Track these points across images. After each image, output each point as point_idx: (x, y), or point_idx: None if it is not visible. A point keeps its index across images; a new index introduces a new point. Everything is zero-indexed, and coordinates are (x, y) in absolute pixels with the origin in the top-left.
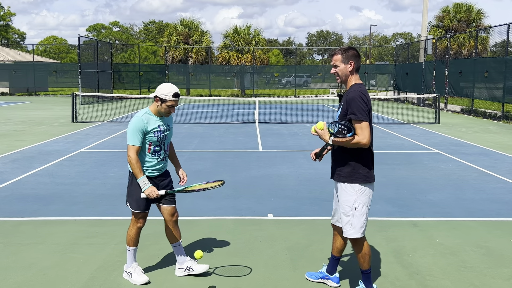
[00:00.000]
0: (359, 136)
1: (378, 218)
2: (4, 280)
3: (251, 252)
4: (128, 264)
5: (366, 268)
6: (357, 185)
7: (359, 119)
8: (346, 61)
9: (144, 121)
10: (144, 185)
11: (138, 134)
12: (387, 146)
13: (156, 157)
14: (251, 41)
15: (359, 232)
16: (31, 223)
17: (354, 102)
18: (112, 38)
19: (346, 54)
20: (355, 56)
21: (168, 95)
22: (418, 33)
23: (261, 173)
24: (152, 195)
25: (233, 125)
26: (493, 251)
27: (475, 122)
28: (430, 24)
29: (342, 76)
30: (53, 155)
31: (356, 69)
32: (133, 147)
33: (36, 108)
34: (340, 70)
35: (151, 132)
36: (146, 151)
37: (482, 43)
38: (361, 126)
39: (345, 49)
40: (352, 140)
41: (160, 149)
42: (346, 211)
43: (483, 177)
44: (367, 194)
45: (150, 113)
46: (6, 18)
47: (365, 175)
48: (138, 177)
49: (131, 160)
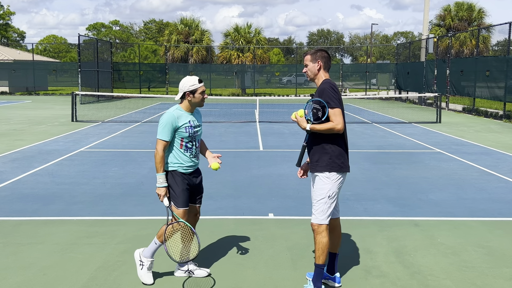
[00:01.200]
0: (333, 121)
1: (379, 218)
2: (3, 280)
3: (251, 252)
4: (147, 253)
5: (322, 263)
6: (334, 174)
7: (331, 106)
8: (314, 60)
9: (175, 116)
10: (161, 182)
11: (169, 129)
12: (388, 145)
13: (188, 153)
14: (251, 40)
15: (326, 219)
16: (30, 223)
17: (325, 92)
18: (112, 37)
19: (315, 55)
20: (323, 57)
21: (195, 84)
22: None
23: (261, 172)
24: (161, 195)
25: (234, 124)
26: (495, 251)
27: (476, 121)
28: (431, 23)
29: (311, 74)
30: (53, 155)
31: (324, 68)
32: (162, 142)
33: (36, 108)
34: (309, 68)
35: (182, 127)
36: (179, 147)
37: (484, 42)
38: (334, 112)
39: (315, 51)
40: (327, 126)
41: (192, 146)
42: (318, 199)
43: (485, 177)
44: (339, 183)
45: (181, 109)
46: (6, 17)
47: (339, 164)
48: (158, 172)
49: (157, 154)
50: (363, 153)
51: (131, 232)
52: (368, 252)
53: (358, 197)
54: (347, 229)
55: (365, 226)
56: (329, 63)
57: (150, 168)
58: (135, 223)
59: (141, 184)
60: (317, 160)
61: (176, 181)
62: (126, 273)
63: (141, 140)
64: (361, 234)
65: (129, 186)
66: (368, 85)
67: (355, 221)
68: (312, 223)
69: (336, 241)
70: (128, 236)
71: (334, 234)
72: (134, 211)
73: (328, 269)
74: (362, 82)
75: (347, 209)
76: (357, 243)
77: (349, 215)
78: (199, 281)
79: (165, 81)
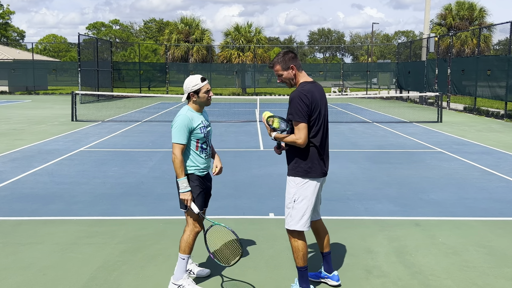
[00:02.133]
0: (295, 135)
1: (380, 218)
2: (3, 280)
3: (252, 252)
4: (179, 275)
5: (300, 265)
6: (298, 179)
7: (296, 120)
8: (286, 67)
9: (189, 118)
10: (185, 187)
11: (184, 132)
12: (389, 145)
13: (204, 154)
14: (252, 39)
15: (297, 224)
16: (30, 222)
17: (292, 103)
18: (112, 36)
19: (284, 62)
20: (292, 59)
21: (198, 83)
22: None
23: (262, 172)
24: (188, 200)
25: (234, 124)
26: (496, 251)
27: (477, 121)
28: (432, 22)
29: (289, 81)
30: (53, 154)
31: (298, 69)
32: (179, 146)
33: (36, 107)
34: (285, 77)
35: (197, 128)
36: (195, 149)
37: (485, 41)
38: (298, 127)
39: (281, 56)
40: (290, 138)
41: (207, 146)
42: (287, 203)
43: (486, 176)
44: (309, 188)
45: (192, 110)
46: (5, 16)
47: (305, 169)
48: (179, 177)
49: (176, 158)
50: (364, 153)
51: (131, 232)
52: (369, 252)
53: (359, 196)
54: (347, 229)
55: (366, 226)
56: (299, 62)
57: (150, 168)
58: (135, 223)
59: (141, 184)
60: (288, 163)
61: (193, 184)
62: (126, 273)
63: (141, 139)
64: (362, 234)
65: (129, 186)
66: (369, 84)
67: (356, 220)
68: (286, 229)
69: (323, 241)
70: (128, 236)
71: (319, 236)
72: (134, 211)
73: (325, 268)
74: (363, 81)
75: (348, 209)
76: (358, 243)
77: (350, 215)
78: (200, 281)
79: (165, 81)
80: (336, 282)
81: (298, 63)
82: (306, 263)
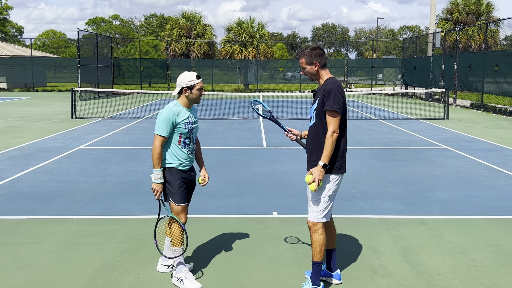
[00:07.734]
0: (332, 128)
1: (386, 216)
2: (1, 280)
3: (255, 251)
4: (178, 268)
5: (318, 260)
6: (332, 175)
7: (334, 109)
8: (311, 62)
9: (175, 112)
10: (159, 178)
11: (168, 125)
12: (395, 142)
13: (186, 150)
14: (254, 35)
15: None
16: (29, 222)
17: (331, 93)
18: (112, 32)
19: (309, 56)
20: (318, 55)
21: (193, 80)
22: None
23: (265, 170)
24: (157, 191)
25: (237, 121)
26: (504, 250)
27: (484, 118)
28: (438, 17)
29: (311, 76)
30: (52, 152)
31: (322, 66)
32: (160, 138)
33: (34, 104)
34: (308, 71)
35: (181, 123)
36: (177, 143)
37: (492, 36)
38: (335, 118)
39: (309, 51)
40: (329, 145)
41: (190, 142)
42: (320, 197)
43: (493, 174)
44: (338, 184)
45: (180, 105)
46: (3, 11)
47: (337, 166)
48: (155, 167)
49: (155, 149)
50: (369, 150)
51: (132, 231)
52: (374, 251)
53: (364, 195)
54: (352, 228)
55: (371, 225)
56: (324, 60)
57: (151, 166)
58: (136, 221)
59: (142, 182)
60: (315, 160)
61: (174, 177)
62: (126, 273)
63: (142, 137)
64: (367, 233)
65: (129, 184)
66: (374, 80)
67: (361, 219)
68: (309, 220)
69: (331, 237)
70: (129, 235)
71: (329, 231)
72: (135, 209)
73: (328, 266)
74: (368, 77)
75: (353, 207)
76: (363, 242)
77: (355, 213)
78: (202, 281)
79: (166, 77)
80: (338, 281)
81: (323, 60)
82: (323, 258)
